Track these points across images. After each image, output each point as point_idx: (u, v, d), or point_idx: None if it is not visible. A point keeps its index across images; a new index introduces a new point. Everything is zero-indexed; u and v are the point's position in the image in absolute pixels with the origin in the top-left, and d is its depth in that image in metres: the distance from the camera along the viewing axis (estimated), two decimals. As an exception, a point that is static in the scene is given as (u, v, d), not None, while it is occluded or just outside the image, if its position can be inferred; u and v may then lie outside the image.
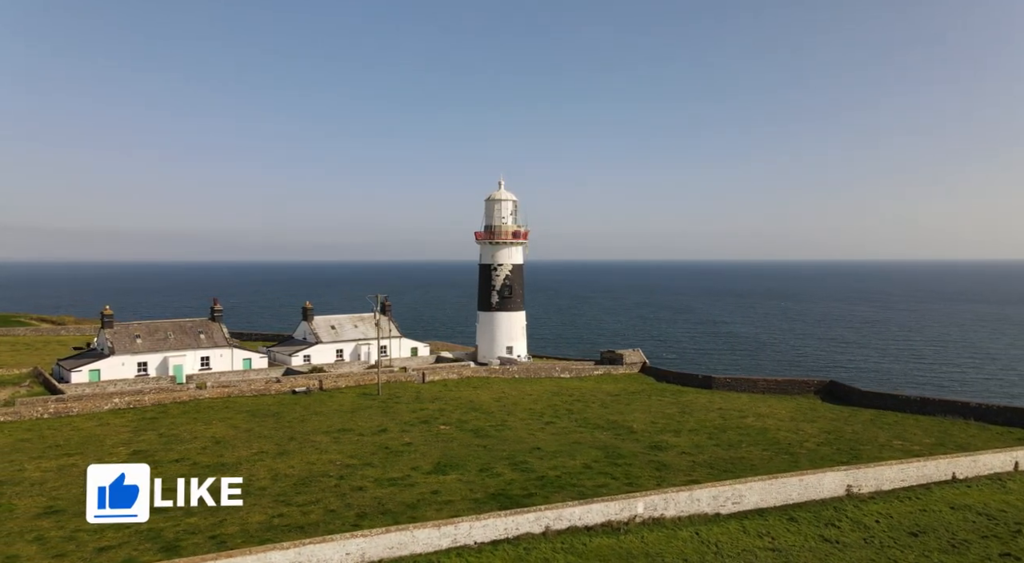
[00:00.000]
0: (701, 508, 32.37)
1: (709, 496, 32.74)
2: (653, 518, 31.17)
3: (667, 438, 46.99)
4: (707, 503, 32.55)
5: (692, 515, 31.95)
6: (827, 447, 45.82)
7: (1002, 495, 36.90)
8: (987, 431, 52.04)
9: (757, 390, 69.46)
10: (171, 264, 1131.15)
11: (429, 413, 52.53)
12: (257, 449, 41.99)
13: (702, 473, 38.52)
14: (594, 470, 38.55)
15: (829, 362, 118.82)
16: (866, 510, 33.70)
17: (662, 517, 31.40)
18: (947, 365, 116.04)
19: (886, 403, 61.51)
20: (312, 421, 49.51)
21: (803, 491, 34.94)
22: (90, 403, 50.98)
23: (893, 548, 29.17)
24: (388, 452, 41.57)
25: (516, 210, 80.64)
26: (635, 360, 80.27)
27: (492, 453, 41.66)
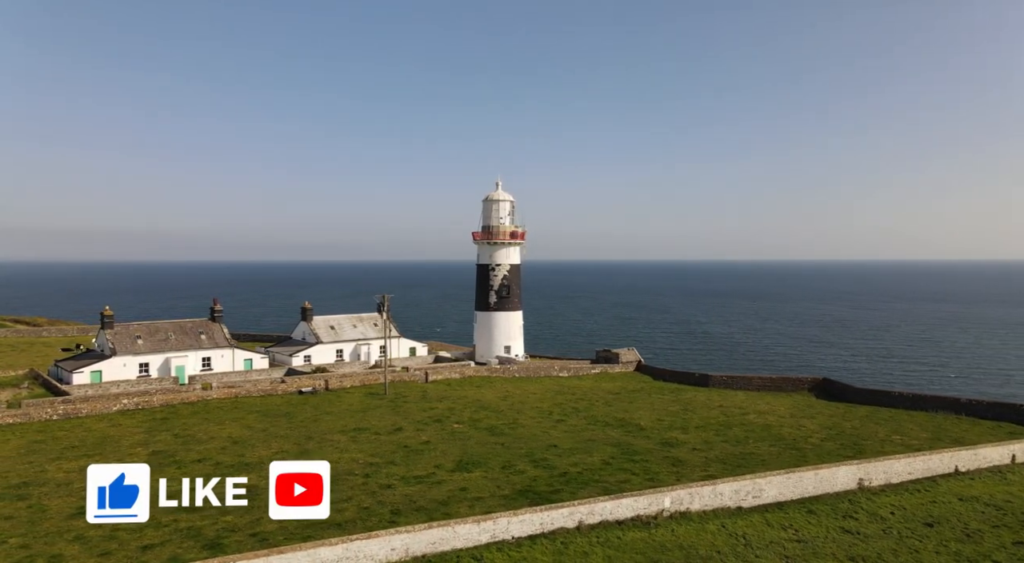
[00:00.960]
0: (724, 502, 33.37)
1: (731, 490, 33.76)
2: (680, 512, 32.09)
3: (676, 435, 48.02)
4: (729, 497, 33.57)
5: (716, 508, 32.93)
6: (831, 442, 47.13)
7: (1004, 486, 38.36)
8: (979, 426, 53.72)
9: (752, 387, 70.88)
10: (138, 264, 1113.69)
11: (439, 412, 53.09)
12: (277, 448, 42.30)
13: (717, 469, 39.56)
14: (613, 466, 39.43)
15: (801, 362, 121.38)
16: (879, 502, 34.91)
17: (688, 511, 32.33)
18: (916, 362, 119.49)
19: (879, 399, 63.16)
20: (325, 421, 49.86)
21: (818, 485, 36.10)
22: (99, 404, 50.83)
23: (911, 539, 30.35)
24: (408, 451, 42.11)
25: (513, 210, 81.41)
26: (631, 359, 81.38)
27: (511, 451, 42.37)
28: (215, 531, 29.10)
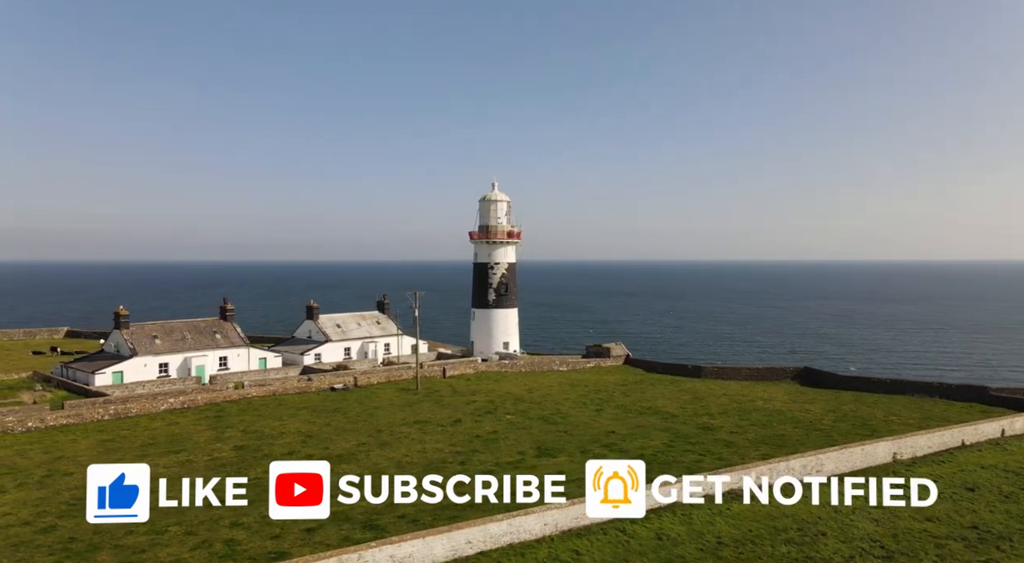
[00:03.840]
0: (796, 476, 37.63)
1: (800, 465, 38.13)
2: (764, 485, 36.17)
3: (707, 420, 52.28)
4: (799, 471, 37.90)
5: (791, 482, 37.12)
6: (843, 423, 52.41)
7: (1008, 456, 44.20)
8: (954, 406, 60.37)
9: (741, 378, 76.35)
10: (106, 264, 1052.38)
11: (482, 405, 55.70)
12: (355, 441, 44.13)
13: (766, 449, 43.97)
14: (677, 449, 43.25)
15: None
16: (919, 472, 39.87)
17: (771, 485, 36.45)
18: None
19: (861, 386, 69.51)
20: (379, 415, 51.71)
21: (864, 458, 40.96)
22: (147, 404, 51.10)
23: (962, 501, 35.37)
24: (482, 440, 44.73)
25: (510, 210, 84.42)
26: (619, 353, 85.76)
27: (576, 437, 45.62)
28: (366, 517, 31.09)
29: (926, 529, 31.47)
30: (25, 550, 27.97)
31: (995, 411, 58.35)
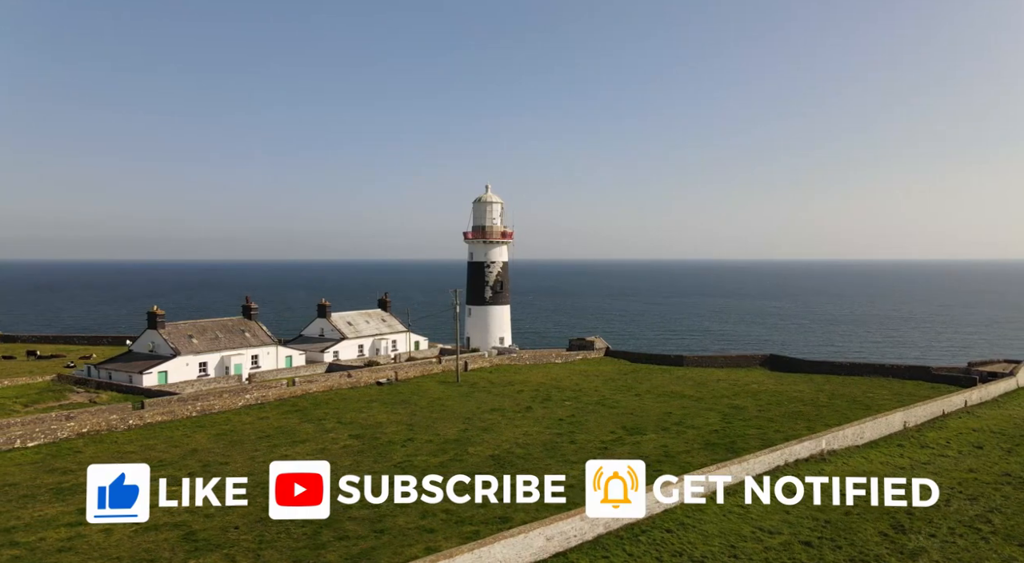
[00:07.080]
0: (847, 442, 45.75)
1: (850, 433, 46.22)
2: (831, 450, 43.97)
3: (730, 401, 59.91)
4: (851, 438, 46.02)
5: (848, 447, 45.22)
6: (838, 401, 61.23)
7: (983, 421, 54.21)
8: (907, 385, 71.18)
9: (718, 365, 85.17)
10: None
11: (530, 394, 60.83)
12: (456, 428, 48.41)
13: (799, 424, 51.93)
14: (734, 425, 50.38)
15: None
16: (930, 437, 48.99)
17: (834, 450, 44.30)
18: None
19: (822, 369, 79.79)
20: (449, 405, 55.93)
21: (886, 427, 49.64)
22: (228, 401, 53.12)
23: (978, 457, 44.37)
24: (566, 423, 50.09)
25: (503, 211, 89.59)
26: (600, 346, 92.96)
27: (642, 418, 51.87)
28: (470, 513, 31.32)
29: (976, 477, 39.64)
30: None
31: (941, 387, 69.40)
